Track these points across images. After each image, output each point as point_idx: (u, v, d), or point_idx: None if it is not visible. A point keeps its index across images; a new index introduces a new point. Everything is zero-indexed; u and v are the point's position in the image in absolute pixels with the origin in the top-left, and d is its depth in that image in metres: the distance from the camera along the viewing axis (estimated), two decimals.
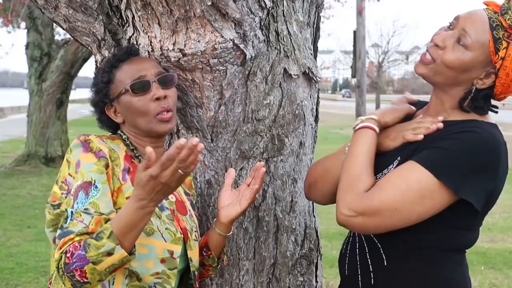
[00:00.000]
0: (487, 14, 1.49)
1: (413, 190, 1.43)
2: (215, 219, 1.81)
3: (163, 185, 1.34)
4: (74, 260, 1.39)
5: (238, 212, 1.75)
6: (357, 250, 1.62)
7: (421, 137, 1.54)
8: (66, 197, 1.52)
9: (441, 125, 1.53)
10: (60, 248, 1.42)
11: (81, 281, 1.40)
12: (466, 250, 1.61)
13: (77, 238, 1.42)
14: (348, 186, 1.49)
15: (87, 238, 1.41)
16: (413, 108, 1.67)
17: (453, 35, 1.51)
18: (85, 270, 1.39)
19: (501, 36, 1.47)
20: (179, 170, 1.31)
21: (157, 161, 1.33)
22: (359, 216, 1.45)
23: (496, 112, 1.59)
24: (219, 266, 1.88)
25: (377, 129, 1.58)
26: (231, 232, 1.80)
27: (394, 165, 1.54)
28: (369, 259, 1.58)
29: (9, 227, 6.59)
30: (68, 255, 1.40)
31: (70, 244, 1.41)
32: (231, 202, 1.76)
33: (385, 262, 1.55)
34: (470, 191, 1.43)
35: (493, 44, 1.47)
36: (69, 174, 1.54)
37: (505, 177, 1.52)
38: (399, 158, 1.55)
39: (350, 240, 1.67)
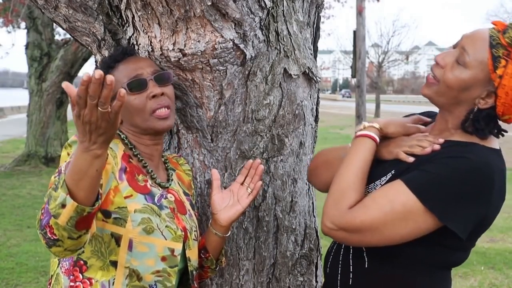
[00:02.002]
0: (490, 32, 1.46)
1: (396, 213, 1.43)
2: (210, 221, 1.81)
3: (89, 124, 1.24)
4: (44, 215, 1.34)
5: (240, 212, 1.75)
6: (342, 250, 1.63)
7: (411, 159, 1.53)
8: (59, 178, 1.51)
9: (437, 147, 1.52)
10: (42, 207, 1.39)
11: (52, 238, 1.35)
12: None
13: None
14: (334, 200, 1.50)
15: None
16: (422, 127, 1.64)
17: (454, 54, 1.51)
18: (51, 225, 1.33)
19: (500, 54, 1.43)
20: (99, 108, 1.22)
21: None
22: (340, 231, 1.48)
23: (502, 136, 1.55)
24: (218, 268, 1.88)
25: (377, 139, 1.58)
26: (229, 233, 1.81)
27: (387, 178, 1.54)
28: (351, 260, 1.59)
29: (9, 227, 6.59)
30: (42, 211, 1.36)
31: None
32: (228, 204, 1.76)
33: (366, 265, 1.56)
34: (455, 219, 1.42)
35: (492, 62, 1.44)
36: (65, 161, 1.54)
37: (502, 203, 1.50)
38: (393, 172, 1.55)
39: None
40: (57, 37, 12.20)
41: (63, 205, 1.30)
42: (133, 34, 1.91)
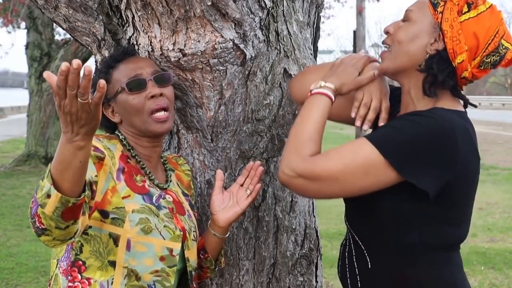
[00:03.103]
0: None
1: (357, 165, 1.44)
2: (209, 222, 1.81)
3: (70, 115, 1.24)
4: (33, 204, 1.35)
5: (238, 214, 1.75)
6: (347, 253, 1.64)
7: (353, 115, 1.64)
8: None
9: (366, 126, 1.63)
10: None
11: (40, 227, 1.35)
12: (458, 248, 1.59)
13: None
14: (294, 147, 1.51)
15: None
16: (375, 73, 1.66)
17: (400, 20, 1.60)
18: (39, 214, 1.32)
19: (437, 1, 1.52)
20: (79, 99, 1.21)
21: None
22: (299, 178, 1.47)
23: (465, 100, 1.57)
24: (217, 268, 1.88)
25: (333, 98, 1.59)
26: (228, 234, 1.80)
27: None
28: (355, 262, 1.59)
29: (9, 227, 6.59)
30: (32, 199, 1.36)
31: None
32: (227, 205, 1.76)
33: (369, 265, 1.56)
34: (415, 173, 1.43)
35: (432, 7, 1.52)
36: None
37: (477, 162, 1.52)
38: None
39: (343, 243, 1.69)
40: (57, 37, 12.20)
41: (48, 195, 1.30)
42: (133, 34, 1.91)
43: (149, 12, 1.80)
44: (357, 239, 1.59)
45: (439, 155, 1.43)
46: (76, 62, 1.16)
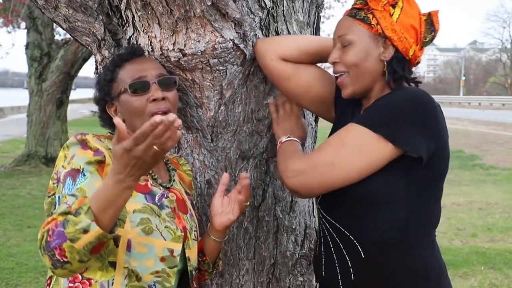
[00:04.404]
0: (346, 14, 1.66)
1: (349, 147, 1.52)
2: (209, 225, 1.81)
3: (137, 159, 1.28)
4: (54, 238, 1.35)
5: (231, 220, 1.75)
6: (332, 249, 1.63)
7: None
8: (57, 186, 1.53)
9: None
10: (44, 228, 1.39)
11: (61, 260, 1.36)
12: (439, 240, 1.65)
13: (60, 218, 1.38)
14: (287, 156, 1.63)
15: (68, 215, 1.37)
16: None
17: (337, 47, 1.66)
18: (64, 248, 1.34)
19: (363, 15, 1.62)
20: (155, 146, 1.26)
21: (133, 135, 1.29)
22: (301, 175, 1.56)
23: (413, 79, 1.66)
24: (215, 271, 1.88)
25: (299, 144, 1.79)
26: (225, 238, 1.80)
27: None
28: (346, 256, 1.59)
29: (9, 227, 6.59)
30: (50, 233, 1.37)
31: (52, 224, 1.38)
32: (223, 210, 1.75)
33: (362, 255, 1.56)
34: (405, 139, 1.49)
35: (364, 22, 1.61)
36: (62, 166, 1.55)
37: (447, 135, 1.59)
38: None
39: (323, 241, 1.68)
40: (57, 37, 12.19)
41: (86, 231, 1.32)
42: (133, 34, 1.91)
43: (149, 12, 1.80)
44: (343, 231, 1.59)
45: (423, 117, 1.51)
46: (172, 116, 1.23)
